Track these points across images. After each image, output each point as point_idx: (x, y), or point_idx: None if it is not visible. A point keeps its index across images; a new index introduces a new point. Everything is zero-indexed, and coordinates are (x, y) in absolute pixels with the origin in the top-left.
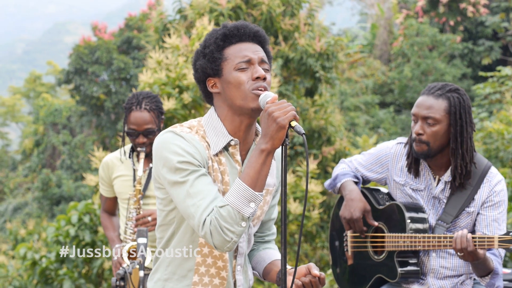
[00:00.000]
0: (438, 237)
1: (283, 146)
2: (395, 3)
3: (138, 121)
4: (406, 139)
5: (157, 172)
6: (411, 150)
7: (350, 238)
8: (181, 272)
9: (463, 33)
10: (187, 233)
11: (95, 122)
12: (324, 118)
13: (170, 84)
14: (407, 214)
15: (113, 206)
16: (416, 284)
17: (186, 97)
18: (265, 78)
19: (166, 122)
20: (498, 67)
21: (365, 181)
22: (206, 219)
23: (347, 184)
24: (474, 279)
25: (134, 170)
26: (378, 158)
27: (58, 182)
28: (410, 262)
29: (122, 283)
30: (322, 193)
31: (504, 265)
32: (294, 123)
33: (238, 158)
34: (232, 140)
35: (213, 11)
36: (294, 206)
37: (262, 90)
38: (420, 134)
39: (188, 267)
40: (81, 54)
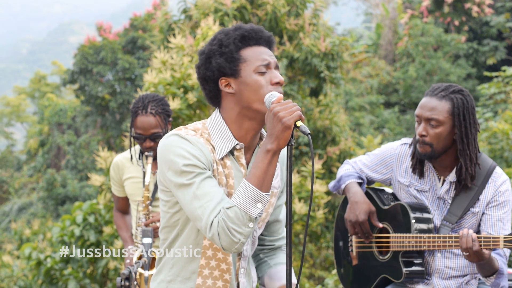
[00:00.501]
0: (443, 237)
1: (289, 146)
2: (400, 3)
3: (144, 125)
4: (410, 140)
5: (162, 175)
6: (415, 151)
7: (355, 238)
8: (184, 274)
9: (468, 33)
10: (192, 235)
11: (100, 122)
12: (329, 118)
13: (175, 84)
14: (412, 214)
15: (125, 205)
16: (421, 284)
17: (191, 97)
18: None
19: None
20: (503, 67)
21: (369, 181)
22: (213, 221)
23: (351, 186)
24: (479, 279)
25: (144, 172)
26: (383, 159)
27: (63, 182)
28: (415, 262)
29: (127, 283)
30: (327, 193)
31: (509, 265)
32: (299, 123)
33: (243, 161)
34: (237, 144)
35: (218, 11)
36: (299, 206)
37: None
38: (423, 136)
39: (191, 269)
40: (86, 54)
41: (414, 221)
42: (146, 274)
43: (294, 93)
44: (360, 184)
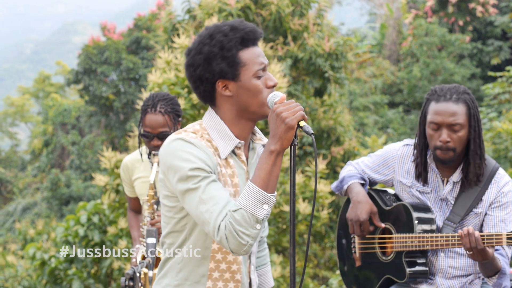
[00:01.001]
0: (446, 236)
1: (292, 146)
2: (404, 3)
3: (153, 124)
4: (413, 141)
5: (167, 180)
6: (423, 158)
7: (357, 239)
8: (194, 278)
9: (472, 33)
10: (200, 238)
11: (104, 122)
12: (333, 118)
13: (179, 84)
14: (415, 215)
15: (138, 205)
16: (424, 284)
17: (195, 97)
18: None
19: None
20: (507, 67)
21: (372, 183)
22: (220, 224)
23: (354, 186)
24: (483, 279)
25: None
26: (385, 160)
27: (67, 182)
28: (419, 262)
29: (131, 283)
30: (331, 193)
31: (511, 264)
32: (302, 123)
33: (244, 158)
34: (239, 142)
35: (222, 11)
36: (303, 206)
37: None
38: (448, 142)
39: (201, 273)
40: (90, 54)
41: (416, 221)
42: (150, 274)
43: (298, 93)
44: (362, 185)
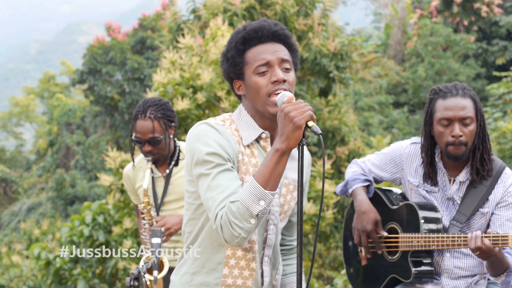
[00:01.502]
0: (452, 236)
1: (300, 146)
2: (409, 3)
3: (143, 129)
4: (420, 139)
5: (188, 163)
6: (429, 157)
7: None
8: (210, 265)
9: (477, 33)
10: None
11: (109, 122)
12: (338, 118)
13: (184, 84)
14: (421, 214)
15: None
16: (430, 284)
17: (200, 97)
18: (284, 80)
19: (180, 122)
20: None
21: (378, 181)
22: (218, 213)
23: (358, 193)
24: (488, 279)
25: (153, 177)
26: (392, 158)
27: (72, 182)
28: (424, 262)
29: (136, 283)
30: (336, 193)
31: None
32: (311, 123)
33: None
34: (263, 132)
35: (227, 11)
36: (308, 206)
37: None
38: (460, 136)
39: (218, 260)
40: (95, 54)
41: (423, 221)
42: (155, 274)
43: (303, 93)
44: (367, 186)
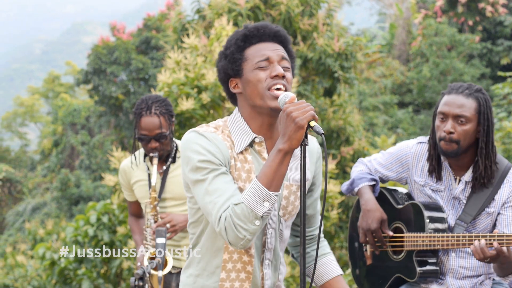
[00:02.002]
0: (457, 236)
1: (302, 146)
2: (414, 3)
3: (149, 126)
4: (426, 139)
5: (183, 171)
6: (435, 152)
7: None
8: (210, 268)
9: (482, 33)
10: (214, 231)
11: (114, 122)
12: (342, 118)
13: (188, 84)
14: (426, 214)
15: (138, 209)
16: (435, 284)
17: (205, 97)
18: (283, 76)
19: (185, 122)
20: None
21: (384, 180)
22: (221, 216)
23: (364, 191)
24: (493, 279)
25: (148, 174)
26: (398, 158)
27: (77, 182)
28: (429, 261)
29: (141, 283)
30: (341, 193)
31: None
32: (313, 123)
33: (265, 155)
34: (256, 137)
35: (231, 11)
36: None
37: (279, 89)
38: (451, 133)
39: (216, 264)
40: (99, 54)
41: (428, 220)
42: (160, 274)
43: (308, 93)
44: (373, 185)
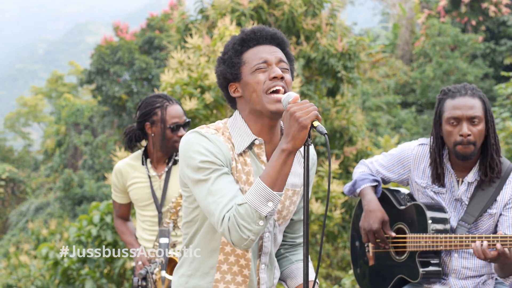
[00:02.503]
0: (460, 237)
1: (306, 146)
2: (417, 3)
3: (178, 113)
4: (427, 140)
5: (181, 171)
6: (440, 158)
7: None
8: (203, 269)
9: (485, 33)
10: (210, 231)
11: (117, 122)
12: (346, 118)
13: (192, 84)
14: (429, 214)
15: (127, 212)
16: (437, 284)
17: (208, 97)
18: (282, 78)
19: None
20: None
21: (385, 181)
22: (225, 216)
23: (366, 192)
24: (496, 279)
25: (149, 176)
26: (400, 159)
27: (80, 182)
28: (432, 262)
29: (144, 283)
30: (344, 193)
31: None
32: (316, 123)
33: (264, 158)
34: (256, 139)
35: (235, 11)
36: (316, 206)
37: (278, 90)
38: (469, 135)
39: (210, 265)
40: (102, 54)
41: (430, 221)
42: (163, 274)
43: (311, 93)
44: (375, 186)
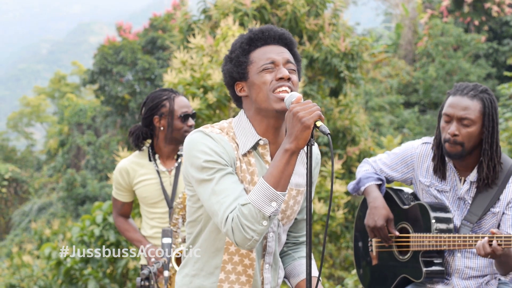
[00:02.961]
0: (464, 236)
1: (308, 146)
2: (420, 3)
3: (187, 103)
4: (431, 139)
5: (185, 170)
6: (440, 151)
7: (374, 238)
8: (208, 269)
9: (488, 33)
10: (214, 231)
11: (120, 122)
12: (348, 118)
13: (194, 84)
14: (432, 214)
15: (130, 210)
16: (440, 284)
17: (211, 97)
18: (289, 79)
19: None
20: None
21: (389, 181)
22: (228, 216)
23: (371, 190)
24: (499, 279)
25: (158, 172)
26: (403, 158)
27: (83, 182)
28: (435, 262)
29: (147, 283)
30: (347, 193)
31: None
32: (319, 123)
33: (268, 158)
34: (260, 139)
35: (237, 11)
36: (318, 206)
37: (284, 91)
38: (455, 135)
39: (214, 264)
40: (105, 54)
41: (434, 220)
42: (166, 274)
43: (313, 93)
44: (379, 185)
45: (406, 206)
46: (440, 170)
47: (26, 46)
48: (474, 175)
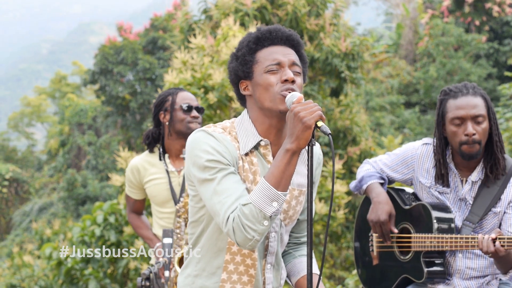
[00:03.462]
0: (466, 237)
1: (309, 146)
2: (421, 3)
3: (190, 97)
4: (431, 140)
5: (188, 169)
6: (444, 158)
7: (376, 238)
8: (210, 269)
9: (489, 33)
10: (216, 231)
11: (121, 122)
12: (349, 118)
13: (195, 84)
14: (434, 214)
15: (142, 207)
16: (442, 284)
17: (212, 97)
18: (294, 81)
19: None
20: None
21: (390, 181)
22: (229, 216)
23: (374, 186)
24: (500, 280)
25: (167, 172)
26: (404, 159)
27: (84, 182)
28: (436, 262)
29: (147, 283)
30: (348, 193)
31: None
32: (320, 123)
33: (270, 158)
34: (262, 140)
35: (238, 11)
36: (319, 206)
37: (289, 92)
38: (474, 135)
39: (217, 265)
40: (106, 54)
41: (435, 221)
42: (167, 274)
43: (314, 93)
44: (381, 184)
45: (408, 206)
46: (444, 178)
47: (26, 46)
48: (475, 175)
